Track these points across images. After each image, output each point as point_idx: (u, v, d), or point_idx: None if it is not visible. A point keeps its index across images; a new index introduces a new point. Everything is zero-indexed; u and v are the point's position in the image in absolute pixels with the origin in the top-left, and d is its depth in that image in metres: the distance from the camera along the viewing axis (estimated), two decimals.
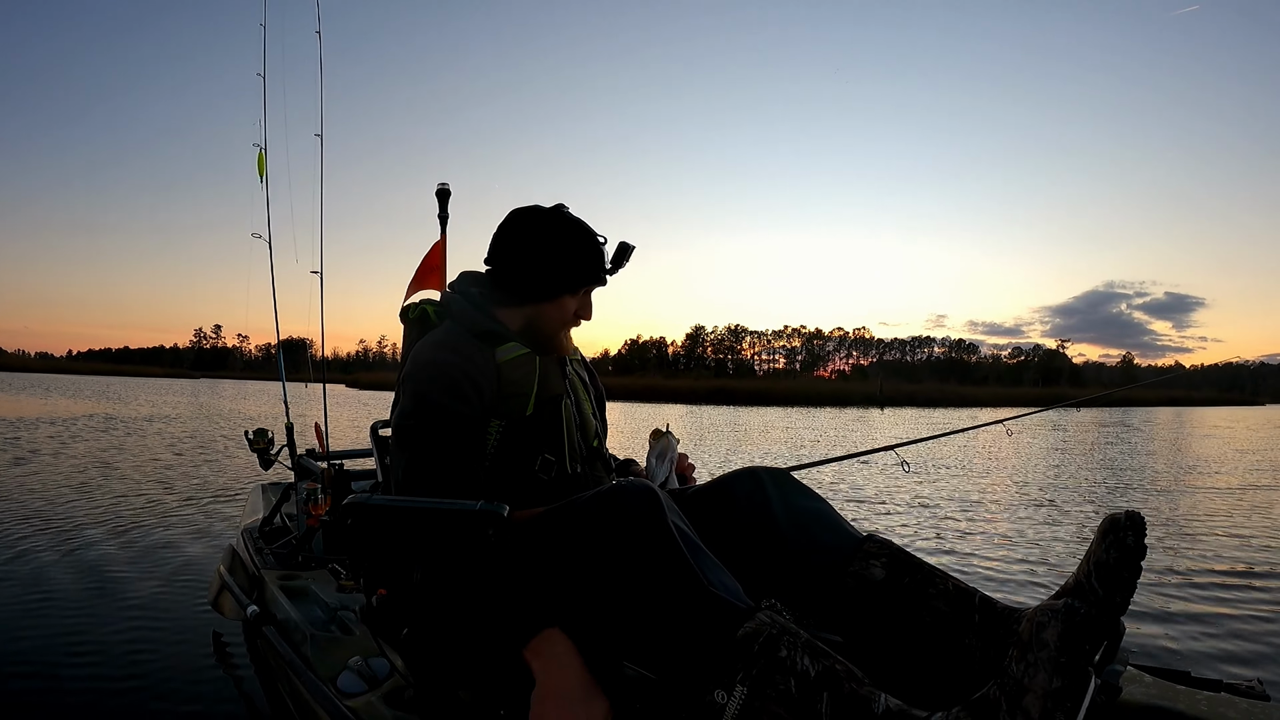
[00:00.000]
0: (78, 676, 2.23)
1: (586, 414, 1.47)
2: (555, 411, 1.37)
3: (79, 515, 4.62)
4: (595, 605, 1.09)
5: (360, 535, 1.09)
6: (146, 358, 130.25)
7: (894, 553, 1.26)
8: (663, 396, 40.49)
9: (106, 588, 3.11)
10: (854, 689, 0.95)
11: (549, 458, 1.35)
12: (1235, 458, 9.40)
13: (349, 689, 1.51)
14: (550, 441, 1.35)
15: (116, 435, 10.23)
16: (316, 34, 3.73)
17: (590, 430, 1.46)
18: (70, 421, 12.20)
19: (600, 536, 1.08)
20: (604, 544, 1.08)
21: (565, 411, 1.39)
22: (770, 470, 1.38)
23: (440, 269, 2.75)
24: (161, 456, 7.90)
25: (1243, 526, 4.74)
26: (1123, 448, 10.24)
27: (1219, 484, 6.63)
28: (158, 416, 14.25)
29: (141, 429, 11.41)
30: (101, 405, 17.48)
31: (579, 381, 1.50)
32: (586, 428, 1.46)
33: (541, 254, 1.37)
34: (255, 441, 3.01)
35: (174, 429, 11.62)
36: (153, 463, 7.33)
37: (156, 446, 8.92)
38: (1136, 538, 1.01)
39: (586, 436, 1.45)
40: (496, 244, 1.40)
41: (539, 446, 1.34)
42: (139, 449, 8.59)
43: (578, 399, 1.46)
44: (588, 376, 1.57)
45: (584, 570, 1.09)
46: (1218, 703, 1.15)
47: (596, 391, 1.58)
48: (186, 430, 11.43)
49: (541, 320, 1.40)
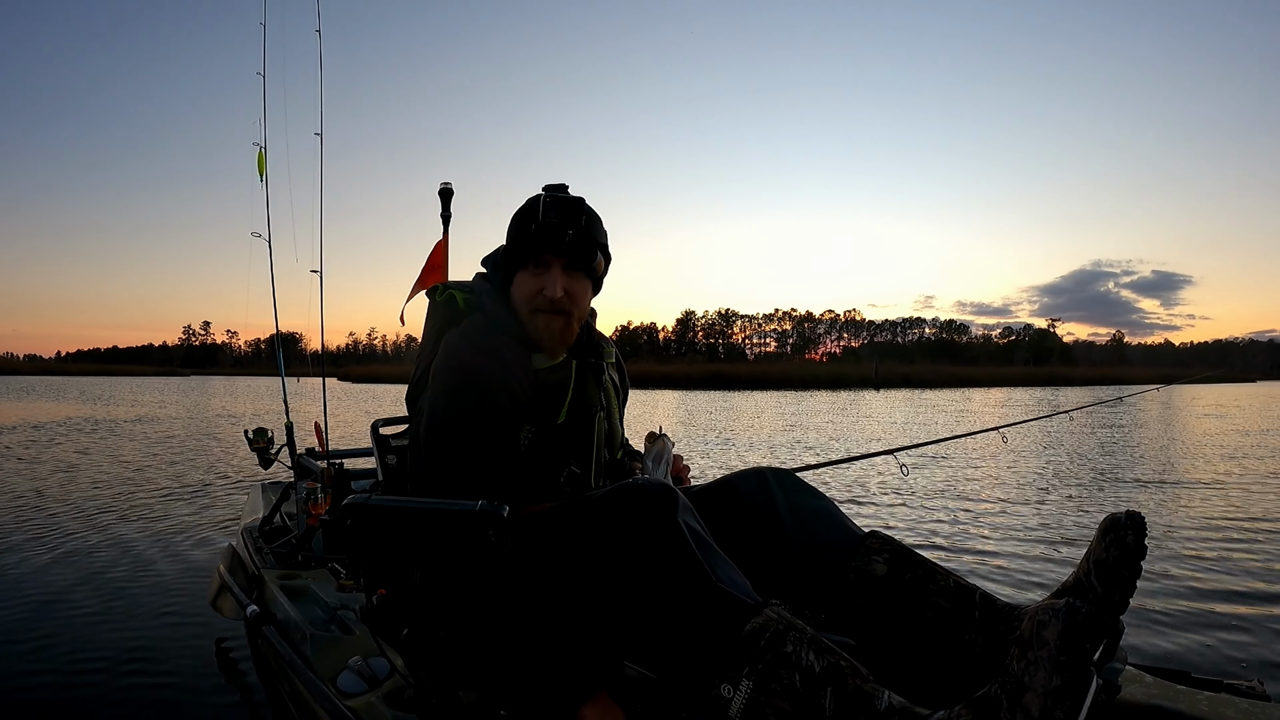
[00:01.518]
0: (77, 677, 2.23)
1: (616, 426, 1.46)
2: (588, 423, 1.35)
3: (78, 515, 4.62)
4: (603, 600, 1.10)
5: (360, 535, 1.09)
6: (136, 356, 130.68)
7: (896, 549, 1.27)
8: (657, 382, 40.43)
9: (106, 588, 3.11)
10: (858, 685, 0.96)
11: (575, 470, 1.33)
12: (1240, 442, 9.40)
13: (349, 689, 1.51)
14: (579, 453, 1.34)
15: (115, 435, 10.23)
16: (316, 33, 3.72)
17: (617, 442, 1.46)
18: (64, 424, 12.20)
19: (615, 531, 1.09)
20: (618, 538, 1.09)
21: (598, 425, 1.37)
22: (775, 470, 1.40)
23: (443, 268, 2.75)
24: (160, 456, 7.90)
25: (1244, 523, 4.74)
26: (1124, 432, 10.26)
27: (1222, 473, 6.64)
28: (154, 417, 14.24)
29: (139, 429, 11.41)
30: (97, 409, 17.48)
31: (612, 388, 1.46)
32: (614, 440, 1.45)
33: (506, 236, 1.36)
34: (255, 441, 3.01)
35: (171, 429, 11.61)
36: (151, 463, 7.33)
37: (154, 446, 8.92)
38: (1137, 537, 1.02)
39: (613, 449, 1.45)
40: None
41: (567, 457, 1.33)
42: (137, 449, 8.59)
43: (609, 410, 1.43)
44: (619, 379, 1.52)
45: (596, 563, 1.10)
46: (1218, 703, 1.15)
47: (626, 390, 1.56)
48: (185, 430, 11.43)
49: (514, 305, 1.34)
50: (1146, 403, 20.10)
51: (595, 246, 1.32)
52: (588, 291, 1.36)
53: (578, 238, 1.29)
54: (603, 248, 1.35)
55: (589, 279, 1.35)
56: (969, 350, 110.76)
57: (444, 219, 2.80)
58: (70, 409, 15.79)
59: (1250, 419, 14.82)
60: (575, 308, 1.33)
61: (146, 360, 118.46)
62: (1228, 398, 25.58)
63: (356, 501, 1.09)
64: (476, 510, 1.06)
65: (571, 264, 1.31)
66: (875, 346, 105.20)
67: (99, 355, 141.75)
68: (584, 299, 1.35)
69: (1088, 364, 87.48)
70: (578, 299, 1.33)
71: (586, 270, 1.33)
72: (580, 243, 1.30)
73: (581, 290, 1.34)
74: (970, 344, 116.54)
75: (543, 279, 1.30)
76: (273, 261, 3.34)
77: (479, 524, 1.05)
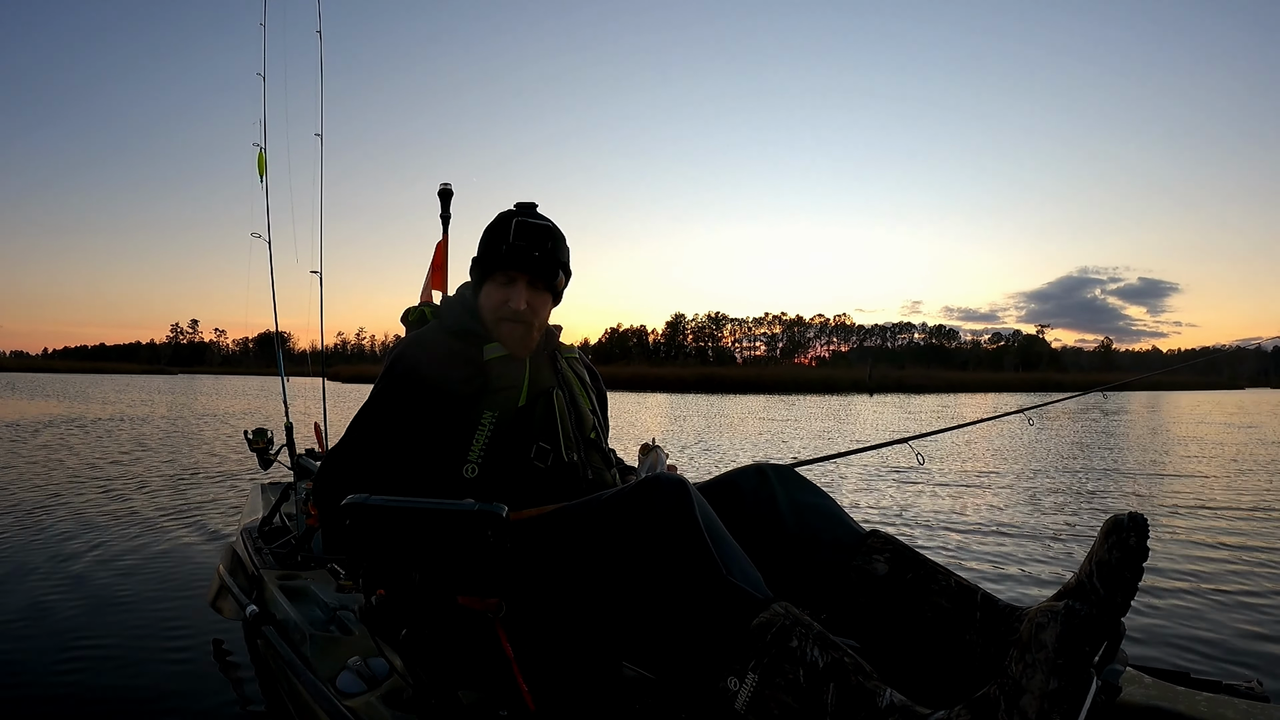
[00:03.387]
0: (77, 677, 2.22)
1: (582, 406, 1.49)
2: (548, 402, 1.41)
3: (77, 516, 4.62)
4: (612, 592, 1.10)
5: (359, 535, 1.09)
6: (124, 354, 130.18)
7: (897, 548, 1.28)
8: (648, 385, 40.39)
9: (105, 588, 3.10)
10: (860, 682, 0.97)
11: (544, 446, 1.37)
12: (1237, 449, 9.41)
13: (348, 689, 1.50)
14: (545, 431, 1.38)
15: (112, 436, 10.23)
16: (317, 34, 3.71)
17: (587, 422, 1.49)
18: (52, 423, 12.20)
19: (631, 524, 1.10)
20: (634, 530, 1.10)
21: (557, 401, 1.42)
22: (776, 467, 1.42)
23: (444, 268, 2.75)
24: (158, 456, 7.90)
25: (1244, 523, 4.74)
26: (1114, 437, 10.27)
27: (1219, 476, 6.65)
28: (149, 416, 14.24)
29: (136, 429, 11.41)
30: (90, 408, 17.48)
31: (574, 377, 1.53)
32: (583, 419, 1.48)
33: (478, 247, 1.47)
34: (254, 441, 3.01)
35: (168, 428, 11.61)
36: (149, 462, 7.33)
37: (152, 446, 8.91)
38: (1139, 539, 1.02)
39: (583, 427, 1.47)
40: None
41: (533, 435, 1.37)
42: (134, 449, 8.58)
43: (571, 393, 1.48)
44: (588, 376, 1.59)
45: (610, 557, 1.11)
46: (1217, 703, 1.15)
47: (598, 391, 1.61)
48: (183, 430, 11.43)
49: (481, 312, 1.45)
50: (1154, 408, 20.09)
51: (558, 266, 1.45)
52: (548, 303, 1.48)
53: (543, 258, 1.42)
54: (564, 266, 1.48)
55: (550, 293, 1.47)
56: (958, 355, 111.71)
57: (444, 220, 2.80)
58: (59, 407, 15.79)
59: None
60: (536, 318, 1.44)
61: (134, 358, 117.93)
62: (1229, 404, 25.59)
63: (355, 502, 1.09)
64: (475, 510, 1.06)
65: (535, 280, 1.43)
66: (866, 351, 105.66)
67: (86, 353, 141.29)
68: (544, 310, 1.47)
69: (1077, 370, 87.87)
70: (538, 310, 1.45)
71: (549, 285, 1.45)
72: (545, 263, 1.42)
73: (542, 302, 1.46)
74: (960, 349, 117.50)
75: (508, 291, 1.42)
76: (273, 262, 3.34)
77: (477, 524, 1.05)
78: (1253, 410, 21.96)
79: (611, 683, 1.12)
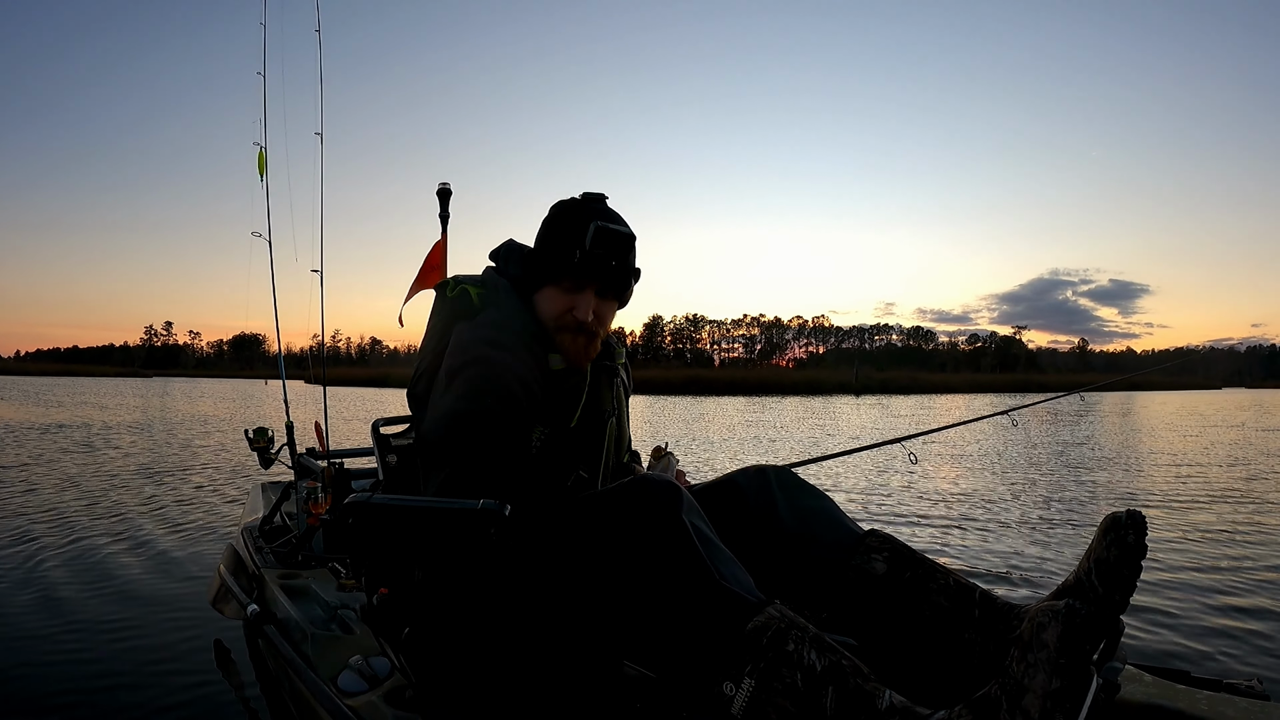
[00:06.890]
0: (77, 677, 2.23)
1: (625, 430, 1.46)
2: (599, 428, 1.35)
3: (76, 516, 4.62)
4: (607, 595, 1.10)
5: (361, 534, 1.09)
6: (97, 356, 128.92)
7: (896, 548, 1.28)
8: (636, 387, 40.13)
9: (105, 588, 3.11)
10: (859, 684, 0.96)
11: (583, 475, 1.33)
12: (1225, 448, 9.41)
13: (350, 688, 1.50)
14: (588, 457, 1.34)
15: (110, 436, 10.22)
16: (316, 33, 3.72)
17: (625, 447, 1.46)
18: (51, 428, 12.19)
19: (620, 525, 1.10)
20: (623, 532, 1.09)
21: (609, 430, 1.37)
22: (776, 468, 1.41)
23: (441, 268, 2.76)
24: (158, 456, 7.89)
25: (1242, 522, 4.74)
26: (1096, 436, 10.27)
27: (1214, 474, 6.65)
28: (141, 422, 14.22)
29: (132, 430, 11.40)
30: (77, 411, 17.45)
31: (624, 391, 1.46)
32: (623, 444, 1.46)
33: (537, 239, 1.35)
34: (255, 440, 3.00)
35: (164, 429, 11.60)
36: (149, 462, 7.32)
37: (150, 446, 8.91)
38: (1137, 536, 1.02)
39: (621, 453, 1.45)
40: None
41: (576, 461, 1.33)
42: (132, 449, 8.58)
43: (621, 414, 1.43)
44: (627, 379, 1.52)
45: (600, 558, 1.10)
46: (1218, 702, 1.15)
47: (629, 392, 1.56)
48: (182, 430, 11.41)
49: (539, 313, 1.32)
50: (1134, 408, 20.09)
51: (632, 277, 1.34)
52: (614, 311, 1.37)
53: (619, 269, 1.30)
54: (638, 274, 1.36)
55: (617, 300, 1.36)
56: (936, 357, 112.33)
57: (443, 219, 2.80)
58: (45, 411, 15.78)
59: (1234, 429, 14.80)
60: (602, 328, 1.34)
61: (108, 360, 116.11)
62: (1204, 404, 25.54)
63: (357, 500, 1.09)
64: (478, 509, 1.06)
65: (605, 290, 1.32)
66: (845, 353, 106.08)
67: (59, 355, 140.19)
68: (610, 319, 1.36)
69: (1054, 370, 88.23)
70: (605, 320, 1.34)
71: (618, 294, 1.35)
72: (621, 274, 1.31)
73: (609, 312, 1.35)
74: (937, 350, 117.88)
75: (574, 299, 1.29)
76: (273, 262, 3.34)
77: (480, 522, 1.05)
78: (1232, 409, 21.98)
79: (612, 681, 1.12)
